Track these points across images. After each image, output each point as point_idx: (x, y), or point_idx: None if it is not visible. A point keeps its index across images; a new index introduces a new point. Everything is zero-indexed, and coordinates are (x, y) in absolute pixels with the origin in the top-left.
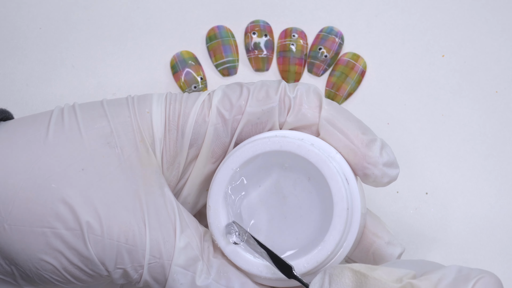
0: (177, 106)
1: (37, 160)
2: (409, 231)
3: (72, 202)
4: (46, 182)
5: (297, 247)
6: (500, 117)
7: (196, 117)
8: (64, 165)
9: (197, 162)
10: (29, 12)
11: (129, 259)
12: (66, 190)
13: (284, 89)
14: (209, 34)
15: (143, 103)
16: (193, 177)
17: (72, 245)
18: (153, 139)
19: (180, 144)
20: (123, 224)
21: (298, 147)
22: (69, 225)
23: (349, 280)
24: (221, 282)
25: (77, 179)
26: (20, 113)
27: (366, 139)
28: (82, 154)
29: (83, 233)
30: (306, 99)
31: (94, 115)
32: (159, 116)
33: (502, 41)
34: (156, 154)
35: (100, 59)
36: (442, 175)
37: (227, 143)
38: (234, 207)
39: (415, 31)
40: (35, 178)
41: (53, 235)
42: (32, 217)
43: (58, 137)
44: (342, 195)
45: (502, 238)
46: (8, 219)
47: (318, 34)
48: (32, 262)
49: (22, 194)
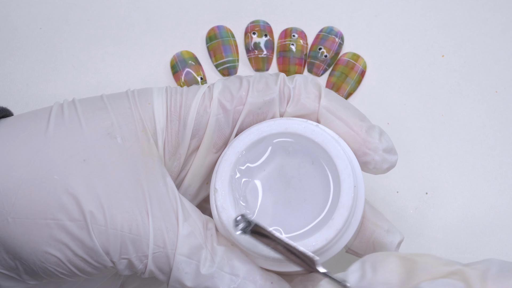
0: (178, 98)
1: (38, 153)
2: (409, 231)
3: (75, 193)
4: (48, 174)
5: (304, 227)
6: (500, 117)
7: (198, 107)
8: (66, 156)
9: (198, 153)
10: (29, 12)
11: (133, 249)
12: (69, 181)
13: (283, 80)
14: (209, 34)
15: (143, 96)
16: (194, 168)
17: (76, 236)
18: (155, 129)
19: (182, 135)
20: (126, 214)
21: (303, 129)
22: (73, 216)
23: (396, 265)
24: (225, 270)
25: (79, 170)
26: (20, 113)
27: (365, 126)
28: (83, 145)
29: (87, 224)
30: (305, 89)
31: (94, 108)
32: (161, 107)
33: (502, 41)
34: (158, 144)
35: (100, 59)
36: (442, 175)
37: (228, 134)
38: (239, 191)
39: (415, 31)
40: (37, 170)
41: (57, 227)
42: (36, 209)
43: (59, 130)
44: (349, 172)
45: (502, 238)
46: (12, 212)
47: (318, 34)
48: (37, 255)
49: (25, 186)
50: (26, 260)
